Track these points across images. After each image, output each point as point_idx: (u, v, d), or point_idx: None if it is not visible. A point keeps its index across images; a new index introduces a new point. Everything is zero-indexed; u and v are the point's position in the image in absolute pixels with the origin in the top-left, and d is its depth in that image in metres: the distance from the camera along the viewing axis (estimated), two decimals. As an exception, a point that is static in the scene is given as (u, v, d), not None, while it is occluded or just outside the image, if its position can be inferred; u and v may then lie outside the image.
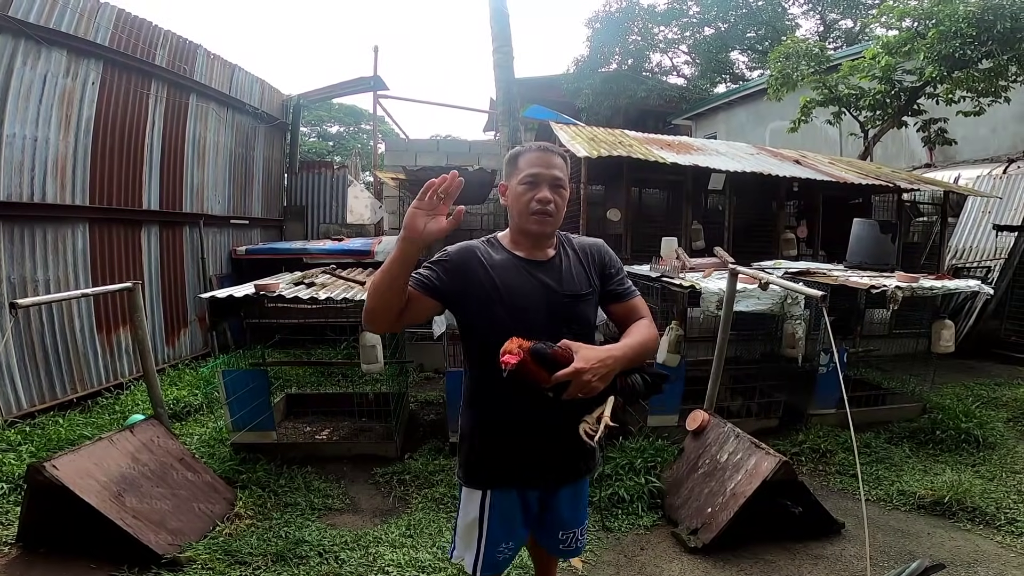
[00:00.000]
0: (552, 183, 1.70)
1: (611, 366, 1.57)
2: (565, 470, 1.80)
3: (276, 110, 9.34)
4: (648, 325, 1.78)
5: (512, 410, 1.69)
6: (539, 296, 1.69)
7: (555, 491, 1.84)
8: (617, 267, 1.84)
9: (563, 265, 1.76)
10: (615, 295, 1.81)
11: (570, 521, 1.91)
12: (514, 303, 1.67)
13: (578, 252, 1.81)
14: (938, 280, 4.58)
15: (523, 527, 1.84)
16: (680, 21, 18.19)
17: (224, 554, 2.91)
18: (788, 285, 3.40)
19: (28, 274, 4.88)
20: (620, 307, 1.82)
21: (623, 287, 1.82)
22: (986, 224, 8.03)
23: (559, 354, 1.53)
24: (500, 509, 1.78)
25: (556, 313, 1.69)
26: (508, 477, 1.75)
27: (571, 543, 1.94)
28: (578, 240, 1.86)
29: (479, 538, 1.78)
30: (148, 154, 6.32)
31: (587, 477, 1.93)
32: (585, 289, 1.75)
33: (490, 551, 1.79)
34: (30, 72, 4.89)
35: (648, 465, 3.75)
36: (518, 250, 1.76)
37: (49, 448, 3.97)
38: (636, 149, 5.74)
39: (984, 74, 7.67)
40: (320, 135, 24.99)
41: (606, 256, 1.84)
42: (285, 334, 5.94)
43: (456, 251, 1.72)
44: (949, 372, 6.26)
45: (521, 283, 1.69)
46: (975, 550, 3.13)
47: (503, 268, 1.71)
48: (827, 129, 10.86)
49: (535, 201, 1.68)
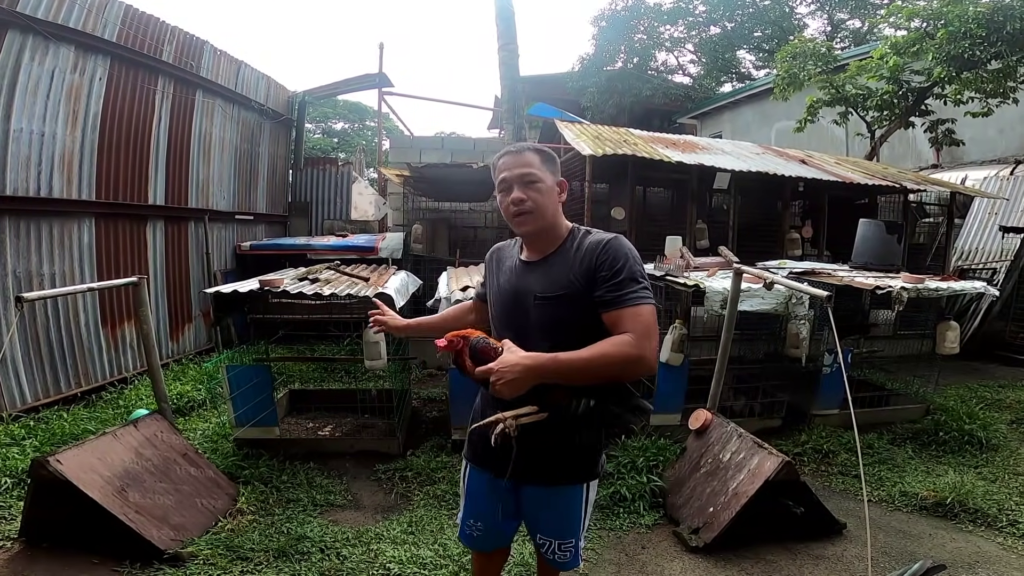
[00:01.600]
0: (522, 181, 1.68)
1: (518, 374, 1.48)
2: (533, 467, 1.71)
3: (281, 106, 9.35)
4: (622, 341, 1.52)
5: (483, 397, 1.85)
6: (515, 298, 1.73)
7: (521, 487, 1.79)
8: (612, 270, 1.59)
9: (549, 264, 1.71)
10: (602, 302, 1.59)
11: (547, 527, 1.84)
12: (498, 303, 1.80)
13: (577, 250, 1.68)
14: (943, 281, 4.57)
15: (490, 514, 1.87)
16: (686, 20, 18.10)
17: (226, 549, 2.92)
18: (793, 285, 3.39)
19: (34, 268, 4.91)
20: (606, 316, 1.59)
21: (613, 294, 1.58)
22: (992, 225, 7.98)
23: (485, 350, 1.58)
24: (472, 484, 1.92)
25: (528, 315, 1.69)
26: (476, 457, 1.87)
27: (548, 552, 1.85)
28: (591, 236, 1.70)
29: (463, 498, 1.97)
30: (154, 149, 6.35)
31: (575, 487, 1.78)
32: (558, 291, 1.63)
33: (464, 521, 1.95)
34: (38, 67, 4.90)
35: (650, 464, 3.75)
36: (523, 251, 1.81)
37: (53, 443, 3.99)
38: (641, 148, 5.72)
39: (993, 75, 7.61)
40: (325, 132, 25.06)
41: (603, 256, 1.61)
42: (289, 330, 5.96)
43: (488, 255, 1.95)
44: (953, 374, 6.23)
45: (504, 283, 1.79)
46: (977, 551, 3.12)
47: (505, 270, 1.82)
48: (833, 129, 10.81)
49: (510, 204, 1.70)
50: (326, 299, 4.03)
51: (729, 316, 3.71)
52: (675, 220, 6.50)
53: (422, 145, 7.61)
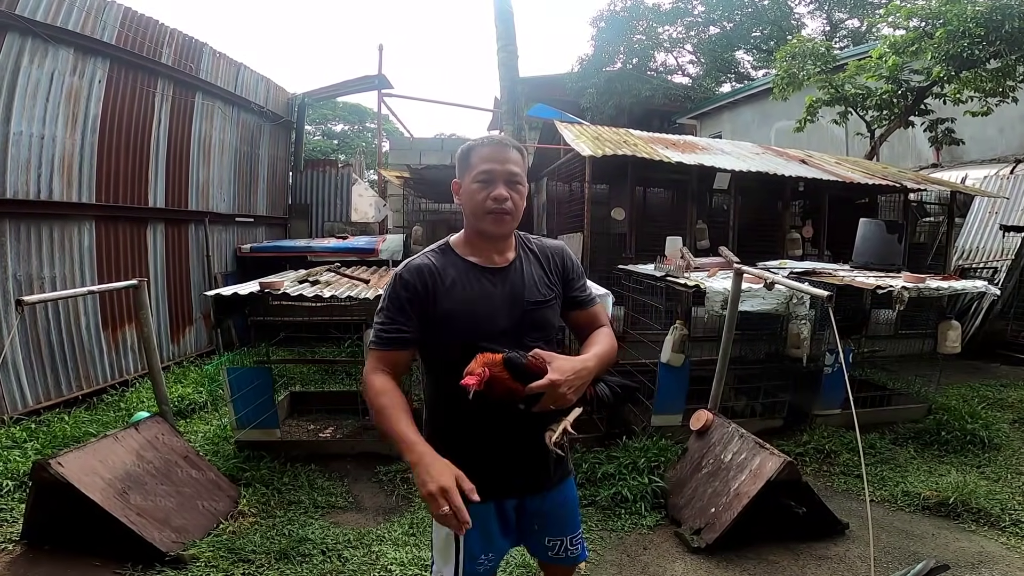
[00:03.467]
0: (508, 179, 1.59)
1: (585, 378, 1.53)
2: (536, 478, 1.71)
3: (281, 108, 9.35)
4: (609, 334, 1.74)
5: (474, 424, 1.59)
6: (500, 305, 1.60)
7: (531, 497, 1.75)
8: (579, 272, 1.80)
9: (524, 270, 1.67)
10: (578, 302, 1.77)
11: (554, 527, 1.81)
12: (475, 315, 1.58)
13: (539, 255, 1.72)
14: (944, 281, 4.56)
15: (503, 537, 1.75)
16: (685, 20, 18.11)
17: (228, 552, 2.92)
18: (793, 285, 3.38)
19: (35, 271, 4.91)
20: (582, 314, 1.78)
21: (585, 294, 1.79)
22: (993, 224, 7.98)
23: (533, 365, 1.47)
24: (476, 524, 1.57)
25: (519, 321, 1.61)
26: (480, 491, 1.48)
27: (560, 551, 1.83)
28: (538, 241, 1.77)
29: (456, 553, 1.66)
30: (154, 152, 6.35)
31: (568, 480, 1.83)
32: (548, 295, 1.68)
33: (469, 565, 1.68)
34: (37, 70, 4.91)
35: (651, 465, 3.75)
36: (474, 255, 1.65)
37: (54, 445, 3.99)
38: (641, 148, 5.72)
39: (992, 74, 7.61)
40: (325, 133, 25.07)
41: (568, 261, 1.77)
42: (289, 332, 5.95)
43: (404, 284, 1.58)
44: (955, 373, 6.22)
45: (480, 293, 1.60)
46: (980, 551, 3.11)
47: (459, 280, 1.60)
48: (833, 129, 10.80)
49: (490, 199, 1.57)
50: (326, 301, 4.03)
51: (730, 316, 3.71)
52: (675, 220, 6.50)
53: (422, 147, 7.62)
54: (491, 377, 1.43)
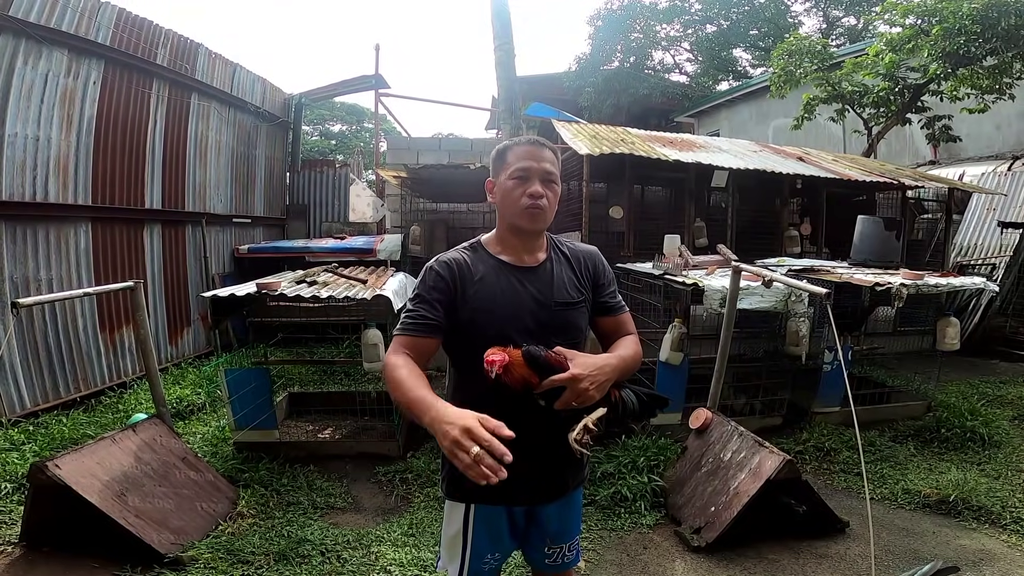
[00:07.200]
0: (543, 177, 1.62)
1: (608, 375, 1.52)
2: (553, 486, 1.70)
3: (278, 109, 9.34)
4: (636, 342, 1.72)
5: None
6: (528, 305, 1.61)
7: (542, 506, 1.74)
8: (610, 279, 1.79)
9: (554, 271, 1.69)
10: (606, 308, 1.76)
11: (556, 536, 1.80)
12: (503, 313, 1.58)
13: (570, 258, 1.74)
14: (943, 277, 4.56)
15: (511, 539, 1.76)
16: (682, 19, 18.14)
17: (226, 553, 2.91)
18: (792, 282, 3.38)
19: (31, 273, 4.89)
20: (610, 320, 1.77)
21: (614, 300, 1.78)
22: (991, 221, 7.99)
23: (553, 359, 1.47)
24: (486, 524, 1.69)
25: (545, 323, 1.61)
26: (493, 493, 1.42)
27: (558, 558, 1.82)
28: (571, 245, 1.79)
29: (463, 551, 1.69)
30: (150, 153, 6.33)
31: (579, 488, 1.83)
32: (577, 297, 1.68)
33: (475, 563, 1.71)
34: (31, 72, 4.89)
35: (651, 463, 3.74)
36: (505, 254, 1.67)
37: (52, 447, 3.98)
38: (638, 146, 5.71)
39: (989, 71, 7.62)
40: (322, 133, 25.02)
41: (600, 265, 1.78)
42: (287, 333, 5.94)
43: (437, 276, 1.60)
44: (954, 370, 6.23)
45: (509, 292, 1.61)
46: (980, 549, 3.11)
47: (488, 277, 1.62)
48: (830, 126, 10.81)
49: (526, 196, 1.59)
50: (324, 302, 4.02)
51: (728, 314, 3.70)
52: (673, 218, 6.50)
53: (419, 146, 7.58)
54: (510, 363, 1.43)
